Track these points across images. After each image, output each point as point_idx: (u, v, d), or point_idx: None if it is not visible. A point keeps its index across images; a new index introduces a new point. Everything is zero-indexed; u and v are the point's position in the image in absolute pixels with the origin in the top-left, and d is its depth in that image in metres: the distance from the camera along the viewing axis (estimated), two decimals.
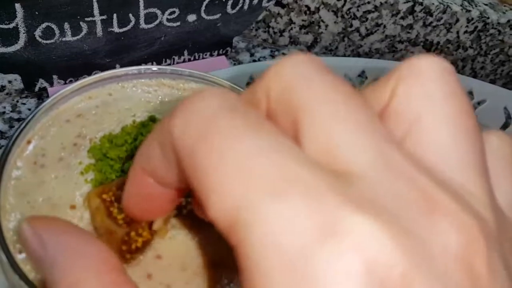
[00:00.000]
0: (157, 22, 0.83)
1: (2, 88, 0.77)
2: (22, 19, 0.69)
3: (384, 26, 1.03)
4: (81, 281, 0.24)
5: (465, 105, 0.22)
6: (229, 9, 0.89)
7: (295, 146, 0.19)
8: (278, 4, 0.98)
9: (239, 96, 0.21)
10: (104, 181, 0.40)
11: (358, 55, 1.09)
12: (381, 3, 0.98)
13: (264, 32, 1.03)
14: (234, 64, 0.97)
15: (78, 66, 0.79)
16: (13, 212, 0.38)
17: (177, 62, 0.92)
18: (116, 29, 0.79)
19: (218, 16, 0.89)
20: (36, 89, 0.78)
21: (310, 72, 0.20)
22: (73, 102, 0.45)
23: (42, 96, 0.81)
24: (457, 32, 1.05)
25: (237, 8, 0.89)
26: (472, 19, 1.03)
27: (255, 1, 0.90)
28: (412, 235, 0.17)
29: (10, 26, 0.70)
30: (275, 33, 1.04)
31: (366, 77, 0.93)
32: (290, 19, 1.01)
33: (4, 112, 0.77)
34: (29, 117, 0.42)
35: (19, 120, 0.79)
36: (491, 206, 0.20)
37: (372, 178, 0.18)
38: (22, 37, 0.72)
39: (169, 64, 0.91)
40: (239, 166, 0.17)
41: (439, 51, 1.09)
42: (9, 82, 0.78)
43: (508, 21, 1.05)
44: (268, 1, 0.92)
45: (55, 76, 0.79)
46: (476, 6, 1.03)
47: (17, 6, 0.68)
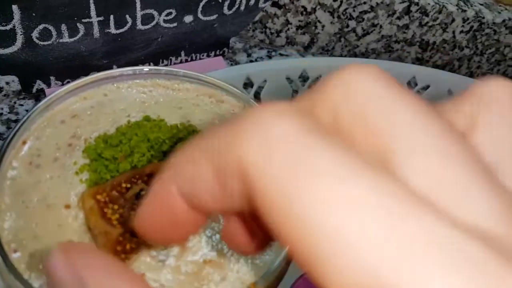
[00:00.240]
0: (154, 23, 0.83)
1: (0, 90, 0.78)
2: (19, 21, 0.70)
3: (380, 26, 1.04)
4: None
5: None
6: (226, 10, 0.89)
7: (413, 193, 0.15)
8: (275, 5, 0.99)
9: (304, 111, 0.18)
10: (99, 181, 0.41)
11: (355, 56, 1.09)
12: (377, 4, 0.99)
13: (261, 33, 1.03)
14: (231, 65, 0.97)
15: (75, 67, 0.79)
16: (8, 212, 0.38)
17: (174, 63, 0.92)
18: (113, 30, 0.80)
19: (215, 17, 0.89)
20: (34, 91, 0.78)
21: (388, 91, 0.18)
22: (68, 103, 0.46)
23: (40, 98, 0.81)
24: (453, 32, 1.06)
25: (234, 9, 0.89)
26: (468, 19, 1.04)
27: (252, 2, 0.91)
28: None
29: (7, 28, 0.70)
30: (272, 34, 1.04)
31: None
32: (287, 20, 1.01)
33: (2, 114, 0.77)
34: (24, 118, 0.42)
35: (17, 122, 0.79)
36: None
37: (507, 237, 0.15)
38: (19, 39, 0.72)
39: (166, 65, 0.92)
40: (374, 227, 0.14)
41: (435, 51, 1.10)
42: (7, 84, 0.78)
43: (504, 21, 1.05)
44: (265, 2, 0.93)
45: (53, 78, 0.79)
46: (472, 6, 1.04)
47: (14, 8, 0.68)
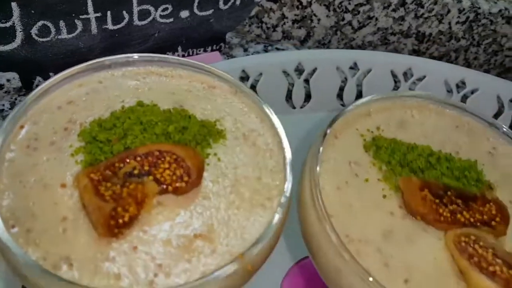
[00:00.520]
0: (151, 19, 0.84)
1: (1, 87, 0.80)
2: (19, 18, 0.71)
3: (376, 19, 1.05)
4: None
5: None
6: (222, 5, 0.90)
7: None
8: None
9: None
10: (94, 162, 0.42)
11: (351, 49, 1.10)
12: None
13: (258, 28, 1.05)
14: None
15: (74, 64, 0.80)
16: (6, 191, 0.40)
17: None
18: (111, 26, 0.81)
19: (211, 12, 0.90)
20: (34, 87, 0.80)
21: None
22: (64, 90, 0.47)
23: None
24: (449, 23, 1.06)
25: (229, 4, 0.91)
26: (464, 10, 1.04)
27: None
28: None
29: (7, 25, 0.72)
30: (268, 28, 1.05)
31: (358, 69, 0.94)
32: (283, 14, 1.02)
33: (3, 110, 0.79)
34: (21, 104, 0.44)
35: None
36: None
37: None
38: (19, 36, 0.74)
39: None
40: None
41: (432, 43, 1.10)
42: (8, 81, 0.80)
43: (500, 11, 1.06)
44: None
45: (52, 74, 0.81)
46: None
47: (13, 5, 0.70)
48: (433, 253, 0.43)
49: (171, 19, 0.87)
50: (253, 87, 0.89)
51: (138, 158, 0.41)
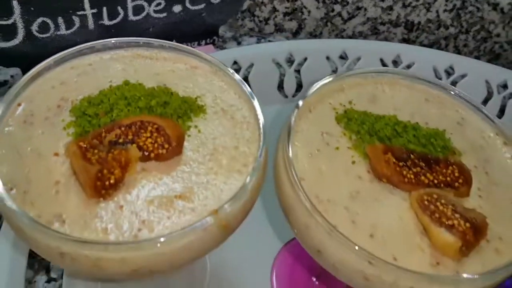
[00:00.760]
0: (145, 14, 0.89)
1: (5, 82, 0.85)
2: (20, 15, 0.76)
3: (365, 9, 1.08)
4: None
5: None
6: None
7: None
8: None
9: None
10: (83, 133, 0.46)
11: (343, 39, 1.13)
12: None
13: (250, 21, 1.09)
14: None
15: None
16: (5, 160, 0.44)
17: None
18: (107, 22, 0.86)
19: (203, 6, 0.94)
20: None
21: None
22: (57, 72, 0.52)
23: None
24: (437, 11, 1.09)
25: None
26: None
27: None
28: None
29: (9, 22, 0.76)
30: (261, 22, 1.09)
31: (348, 58, 0.97)
32: (274, 7, 1.06)
33: None
34: (18, 84, 0.48)
35: None
36: None
37: None
38: (21, 32, 0.78)
39: None
40: None
41: (421, 31, 1.13)
42: (11, 77, 0.85)
43: None
44: None
45: None
46: None
47: (14, 3, 0.75)
48: (399, 212, 0.47)
49: (165, 14, 0.91)
50: (246, 78, 0.93)
51: (123, 128, 0.45)
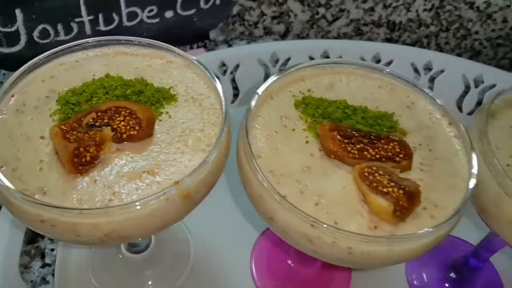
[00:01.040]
0: (139, 20, 0.96)
1: None
2: (22, 22, 0.84)
3: (348, 11, 1.14)
4: None
5: None
6: (203, 4, 1.01)
7: None
8: None
9: None
10: (66, 119, 0.53)
11: None
12: None
13: (240, 25, 1.16)
14: None
15: None
16: None
17: None
18: (103, 28, 0.93)
19: (193, 12, 1.01)
20: None
21: None
22: (47, 67, 0.59)
23: None
24: (417, 11, 1.15)
25: (210, 3, 1.01)
26: None
27: None
28: None
29: (13, 29, 0.85)
30: (250, 25, 1.16)
31: (329, 57, 1.03)
32: (262, 12, 1.13)
33: None
34: (12, 77, 0.56)
35: None
36: None
37: None
38: (23, 38, 0.86)
39: None
40: None
41: (403, 30, 1.19)
42: None
43: None
44: None
45: None
46: None
47: (17, 11, 0.83)
48: (343, 184, 0.52)
49: (157, 19, 0.99)
50: (233, 79, 0.99)
51: (99, 113, 0.52)
